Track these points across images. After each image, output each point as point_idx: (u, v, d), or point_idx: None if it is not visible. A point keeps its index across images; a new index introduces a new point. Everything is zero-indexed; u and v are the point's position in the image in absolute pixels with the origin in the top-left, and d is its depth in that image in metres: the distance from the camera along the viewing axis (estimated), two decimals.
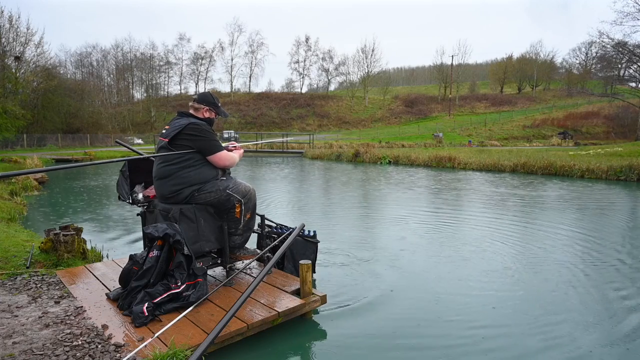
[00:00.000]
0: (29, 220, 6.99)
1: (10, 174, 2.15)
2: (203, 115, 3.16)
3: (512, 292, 3.65)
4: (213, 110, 3.21)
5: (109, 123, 48.13)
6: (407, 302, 3.46)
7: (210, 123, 3.20)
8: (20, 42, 30.67)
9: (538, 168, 14.69)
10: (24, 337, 2.39)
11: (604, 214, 7.39)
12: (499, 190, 10.42)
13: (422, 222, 6.66)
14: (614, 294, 3.61)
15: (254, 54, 71.51)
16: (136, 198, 3.36)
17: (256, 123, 58.71)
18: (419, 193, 10.11)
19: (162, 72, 66.48)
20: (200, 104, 3.15)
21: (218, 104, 3.24)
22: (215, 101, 3.23)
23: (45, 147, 32.96)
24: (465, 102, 68.37)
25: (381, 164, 19.82)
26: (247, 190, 3.17)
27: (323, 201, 9.23)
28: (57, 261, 3.90)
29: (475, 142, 39.63)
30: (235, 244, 3.25)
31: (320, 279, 3.93)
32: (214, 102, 3.21)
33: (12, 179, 10.56)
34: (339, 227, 6.25)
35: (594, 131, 47.34)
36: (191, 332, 2.45)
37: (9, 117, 26.96)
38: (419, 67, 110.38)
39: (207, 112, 3.19)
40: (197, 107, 3.15)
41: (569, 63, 71.66)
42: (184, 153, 2.97)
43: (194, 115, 3.14)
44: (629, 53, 32.95)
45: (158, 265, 2.77)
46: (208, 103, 3.18)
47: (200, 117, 3.14)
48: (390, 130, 52.17)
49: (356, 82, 71.27)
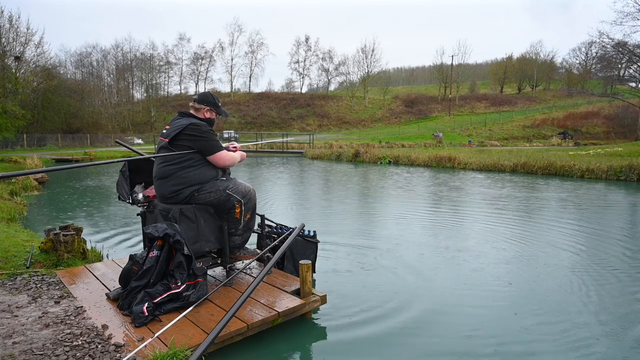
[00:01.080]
0: (29, 220, 6.99)
1: (10, 175, 2.13)
2: (204, 115, 3.16)
3: (513, 293, 3.65)
4: (214, 110, 3.21)
5: (109, 123, 48.11)
6: (408, 302, 3.46)
7: (210, 123, 3.19)
8: (20, 42, 30.72)
9: (538, 168, 14.69)
10: (24, 337, 2.39)
11: (605, 214, 7.38)
12: (498, 190, 10.42)
13: (422, 222, 6.66)
14: (615, 294, 3.61)
15: (254, 54, 71.56)
16: (136, 198, 3.36)
17: (256, 123, 58.70)
18: (419, 193, 10.11)
19: (162, 72, 66.46)
20: (200, 105, 3.15)
21: (218, 103, 3.25)
22: (216, 101, 3.23)
23: (45, 147, 32.96)
24: (465, 102, 68.36)
25: (381, 164, 19.82)
26: (247, 191, 3.17)
27: (323, 201, 9.23)
28: (57, 261, 3.90)
29: (475, 142, 39.62)
30: (235, 244, 3.25)
31: (320, 279, 3.93)
32: (215, 102, 3.21)
33: (12, 179, 10.56)
34: (339, 227, 6.25)
35: (594, 131, 47.34)
36: (191, 332, 2.45)
37: (9, 117, 26.98)
38: (419, 67, 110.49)
39: (208, 113, 3.19)
40: (197, 108, 3.15)
41: (569, 63, 71.77)
42: (185, 153, 2.97)
43: (195, 115, 3.14)
44: (629, 53, 32.92)
45: (158, 265, 2.77)
46: (208, 103, 3.18)
47: (200, 117, 3.15)
48: (390, 130, 52.17)
49: (356, 82, 71.26)
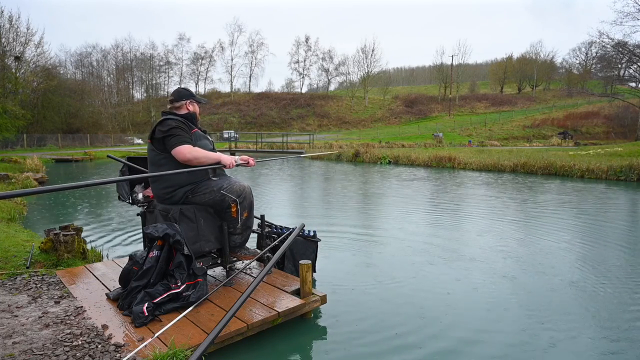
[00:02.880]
0: (29, 220, 6.99)
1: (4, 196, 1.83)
2: (187, 109, 3.11)
3: (513, 293, 3.65)
4: (193, 100, 3.16)
5: (109, 123, 48.12)
6: (408, 302, 3.46)
7: (190, 118, 3.09)
8: (20, 42, 30.75)
9: (538, 168, 14.69)
10: (24, 337, 2.39)
11: (605, 214, 7.38)
12: (499, 191, 10.42)
13: (422, 222, 6.66)
14: (616, 294, 3.61)
15: (254, 54, 71.61)
16: (136, 198, 3.36)
17: (256, 123, 58.69)
18: (419, 193, 10.10)
19: (162, 72, 66.47)
20: (180, 101, 3.09)
21: (193, 93, 3.20)
22: (190, 92, 3.18)
23: (45, 147, 32.95)
24: (465, 102, 68.34)
25: (381, 164, 19.81)
26: (241, 189, 3.10)
27: (323, 201, 9.23)
28: (57, 261, 3.90)
29: (475, 142, 39.60)
30: (235, 243, 3.24)
31: (321, 279, 3.93)
32: (190, 93, 3.16)
33: (12, 179, 10.56)
34: (339, 227, 6.25)
35: (594, 131, 47.31)
36: (191, 332, 2.45)
37: (9, 117, 26.99)
38: (419, 67, 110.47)
39: (191, 106, 3.14)
40: (178, 106, 3.09)
41: (569, 63, 71.75)
42: (166, 154, 2.92)
43: (176, 113, 3.07)
44: (629, 53, 32.91)
45: (158, 265, 2.77)
46: (186, 97, 3.13)
47: (184, 113, 3.09)
48: (390, 130, 52.16)
49: (356, 82, 71.29)
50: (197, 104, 3.20)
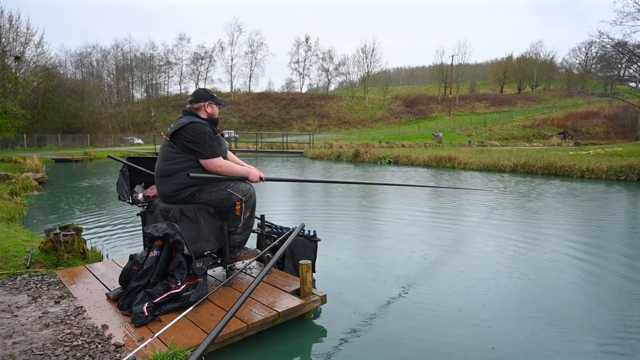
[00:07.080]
0: (29, 220, 6.99)
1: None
2: (205, 111, 3.14)
3: (513, 292, 3.65)
4: (212, 102, 3.17)
5: (109, 123, 48.14)
6: (409, 302, 3.46)
7: (214, 123, 3.15)
8: (20, 42, 30.76)
9: (538, 168, 14.69)
10: (24, 337, 2.39)
11: (605, 214, 7.38)
12: (498, 191, 10.42)
13: (422, 222, 6.66)
14: (616, 294, 3.61)
15: (254, 54, 71.63)
16: (136, 198, 3.36)
17: (256, 123, 58.71)
18: (419, 193, 10.10)
19: (162, 72, 66.51)
20: (199, 102, 3.12)
21: (213, 95, 3.21)
22: (210, 93, 3.19)
23: (45, 147, 32.97)
24: (465, 102, 68.35)
25: (381, 164, 19.82)
26: (247, 189, 3.16)
27: (323, 201, 9.22)
28: (57, 261, 3.90)
29: (475, 142, 39.61)
30: (236, 242, 3.24)
31: (321, 279, 3.93)
32: (210, 95, 3.18)
33: (12, 179, 10.56)
34: (339, 227, 6.25)
35: (594, 131, 47.32)
36: (191, 332, 2.45)
37: (9, 117, 27.00)
38: (419, 67, 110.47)
39: (209, 108, 3.15)
40: (197, 107, 3.12)
41: (569, 63, 71.77)
42: (185, 153, 2.95)
43: (198, 115, 3.11)
44: (629, 53, 32.88)
45: (158, 265, 2.76)
46: (205, 98, 3.14)
47: (203, 116, 3.12)
48: (390, 130, 52.17)
49: (356, 82, 71.33)
50: (217, 106, 3.22)
